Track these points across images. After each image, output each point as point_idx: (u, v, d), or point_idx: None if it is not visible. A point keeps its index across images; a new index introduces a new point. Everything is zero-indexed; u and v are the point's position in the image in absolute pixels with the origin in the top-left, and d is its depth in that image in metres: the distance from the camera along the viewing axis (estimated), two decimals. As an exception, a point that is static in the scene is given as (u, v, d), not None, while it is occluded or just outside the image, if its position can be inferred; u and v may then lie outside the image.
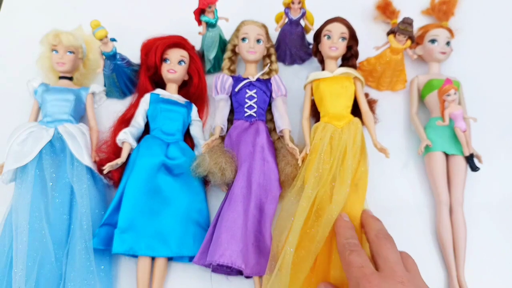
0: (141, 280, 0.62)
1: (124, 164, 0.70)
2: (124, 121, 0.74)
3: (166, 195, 0.66)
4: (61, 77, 0.77)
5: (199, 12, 0.74)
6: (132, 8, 0.94)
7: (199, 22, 0.76)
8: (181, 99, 0.75)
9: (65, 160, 0.68)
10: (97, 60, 0.79)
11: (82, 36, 0.78)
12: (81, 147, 0.68)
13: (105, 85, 0.79)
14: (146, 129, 0.74)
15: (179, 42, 0.75)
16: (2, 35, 0.91)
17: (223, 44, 0.81)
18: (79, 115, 0.76)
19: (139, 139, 0.72)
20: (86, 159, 0.68)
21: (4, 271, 0.61)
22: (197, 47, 0.80)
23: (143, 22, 0.90)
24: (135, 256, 0.65)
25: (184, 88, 0.79)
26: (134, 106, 0.76)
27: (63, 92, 0.74)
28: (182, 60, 0.75)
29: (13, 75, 0.84)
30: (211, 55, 0.79)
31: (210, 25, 0.75)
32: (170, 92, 0.75)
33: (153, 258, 0.64)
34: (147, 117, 0.74)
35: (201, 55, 0.81)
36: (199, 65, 0.78)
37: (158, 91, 0.75)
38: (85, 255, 0.62)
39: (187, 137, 0.76)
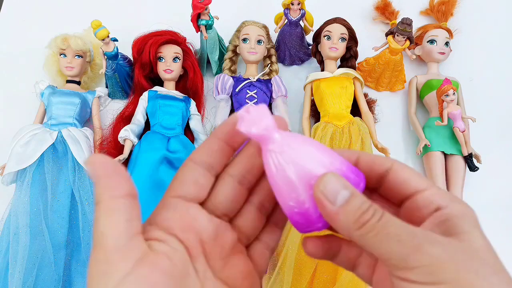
0: None
1: (127, 161, 0.70)
2: (123, 118, 0.75)
3: None
4: (68, 81, 0.77)
5: (196, 18, 0.74)
6: (130, 6, 0.94)
7: (197, 29, 0.76)
8: (179, 94, 0.76)
9: (67, 164, 0.68)
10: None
11: (90, 39, 0.78)
12: (84, 153, 0.69)
13: (107, 86, 0.80)
14: (147, 126, 0.75)
15: (171, 39, 0.75)
16: (6, 36, 0.91)
17: (220, 43, 0.81)
18: (84, 119, 0.76)
19: (140, 136, 0.73)
20: None
21: (1, 273, 0.61)
22: (189, 39, 0.80)
23: (140, 20, 0.90)
24: None
25: (180, 83, 0.80)
26: (132, 104, 0.76)
27: (69, 95, 0.74)
28: (176, 57, 0.75)
29: (21, 76, 0.84)
30: (215, 56, 0.80)
31: (209, 27, 0.76)
32: (168, 89, 0.76)
33: None
34: (146, 114, 0.74)
35: (205, 59, 0.81)
36: (193, 59, 0.78)
37: (156, 88, 0.76)
38: None
39: (188, 131, 0.77)
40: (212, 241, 0.25)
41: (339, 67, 0.78)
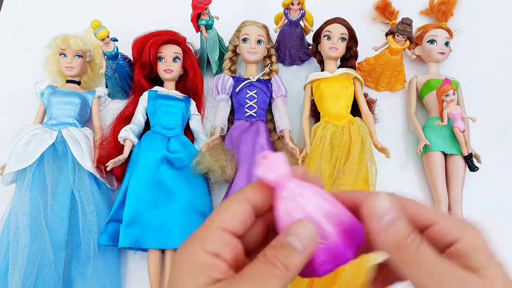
0: (153, 272, 0.63)
1: (127, 161, 0.70)
2: (123, 118, 0.75)
3: (170, 188, 0.67)
4: (68, 81, 0.77)
5: (196, 18, 0.74)
6: (130, 6, 0.94)
7: (197, 29, 0.76)
8: (179, 94, 0.76)
9: (67, 164, 0.68)
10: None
11: (90, 39, 0.78)
12: (84, 153, 0.69)
13: (107, 86, 0.80)
14: (147, 126, 0.75)
15: (171, 39, 0.75)
16: (6, 36, 0.91)
17: (220, 43, 0.81)
18: (84, 119, 0.76)
19: (140, 136, 0.73)
20: (89, 165, 0.68)
21: (1, 273, 0.62)
22: (189, 39, 0.80)
23: (140, 20, 0.89)
24: (145, 250, 0.66)
25: (180, 83, 0.80)
26: (132, 104, 0.76)
27: (69, 95, 0.74)
28: (176, 57, 0.75)
29: (21, 76, 0.84)
30: (215, 56, 0.80)
31: (209, 27, 0.76)
32: (168, 89, 0.76)
33: (163, 251, 0.65)
34: (146, 114, 0.74)
35: (205, 59, 0.81)
36: (193, 59, 0.78)
37: (156, 88, 0.76)
38: (93, 258, 0.63)
39: (188, 131, 0.77)
40: None
41: (339, 67, 0.78)
